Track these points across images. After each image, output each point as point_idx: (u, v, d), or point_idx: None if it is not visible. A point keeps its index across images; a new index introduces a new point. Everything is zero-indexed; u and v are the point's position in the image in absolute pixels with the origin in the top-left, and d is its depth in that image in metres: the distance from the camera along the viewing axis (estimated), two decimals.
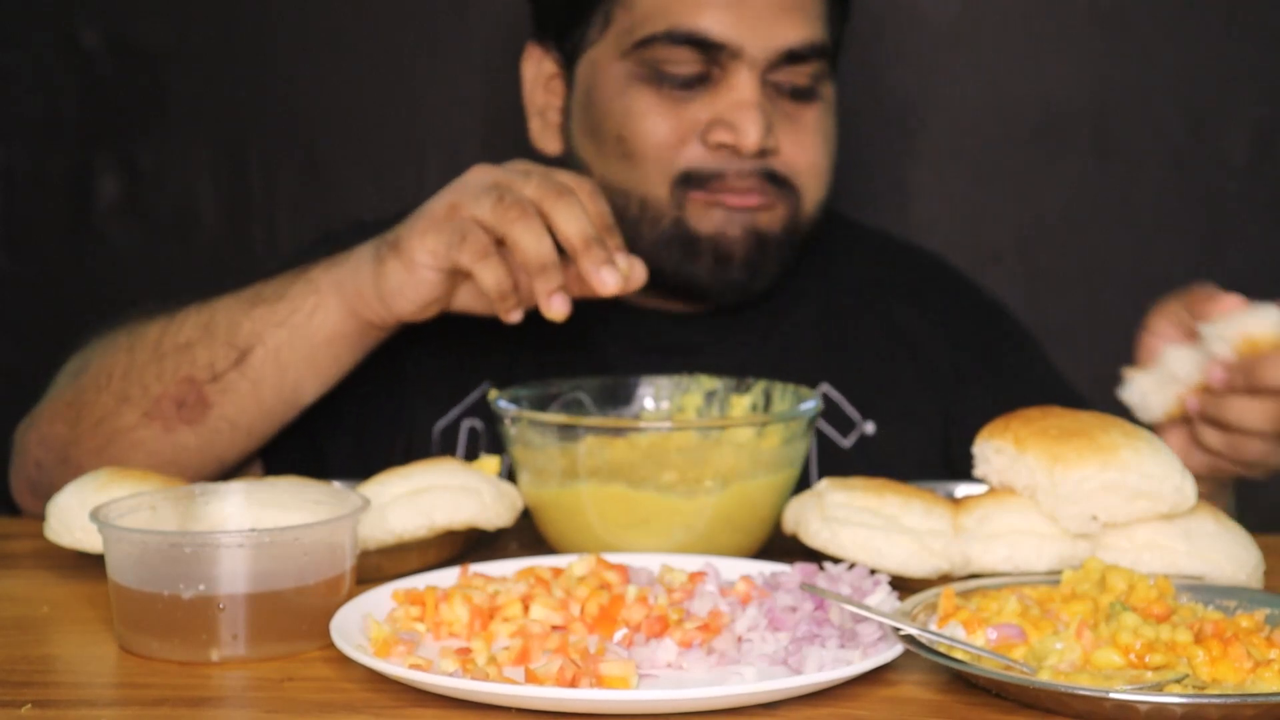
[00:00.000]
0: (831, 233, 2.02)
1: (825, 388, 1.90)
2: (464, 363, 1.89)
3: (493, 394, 1.61)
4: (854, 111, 2.09)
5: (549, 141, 1.96)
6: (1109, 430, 1.42)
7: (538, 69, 1.95)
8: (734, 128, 1.79)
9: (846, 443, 1.91)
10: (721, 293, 1.88)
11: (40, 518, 1.50)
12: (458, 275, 1.63)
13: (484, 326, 1.75)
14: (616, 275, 1.57)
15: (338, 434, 1.90)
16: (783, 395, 1.65)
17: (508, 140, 2.09)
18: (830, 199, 1.92)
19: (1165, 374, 1.60)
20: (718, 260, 1.84)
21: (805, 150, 1.85)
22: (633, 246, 1.73)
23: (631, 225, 1.83)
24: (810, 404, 1.57)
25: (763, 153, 1.81)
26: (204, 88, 2.53)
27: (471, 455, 1.89)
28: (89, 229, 2.55)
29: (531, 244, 1.56)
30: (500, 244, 1.59)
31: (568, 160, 1.92)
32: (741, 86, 1.80)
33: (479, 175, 1.62)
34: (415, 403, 1.91)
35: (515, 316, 1.62)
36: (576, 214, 1.57)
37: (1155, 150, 2.49)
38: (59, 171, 2.55)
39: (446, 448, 1.90)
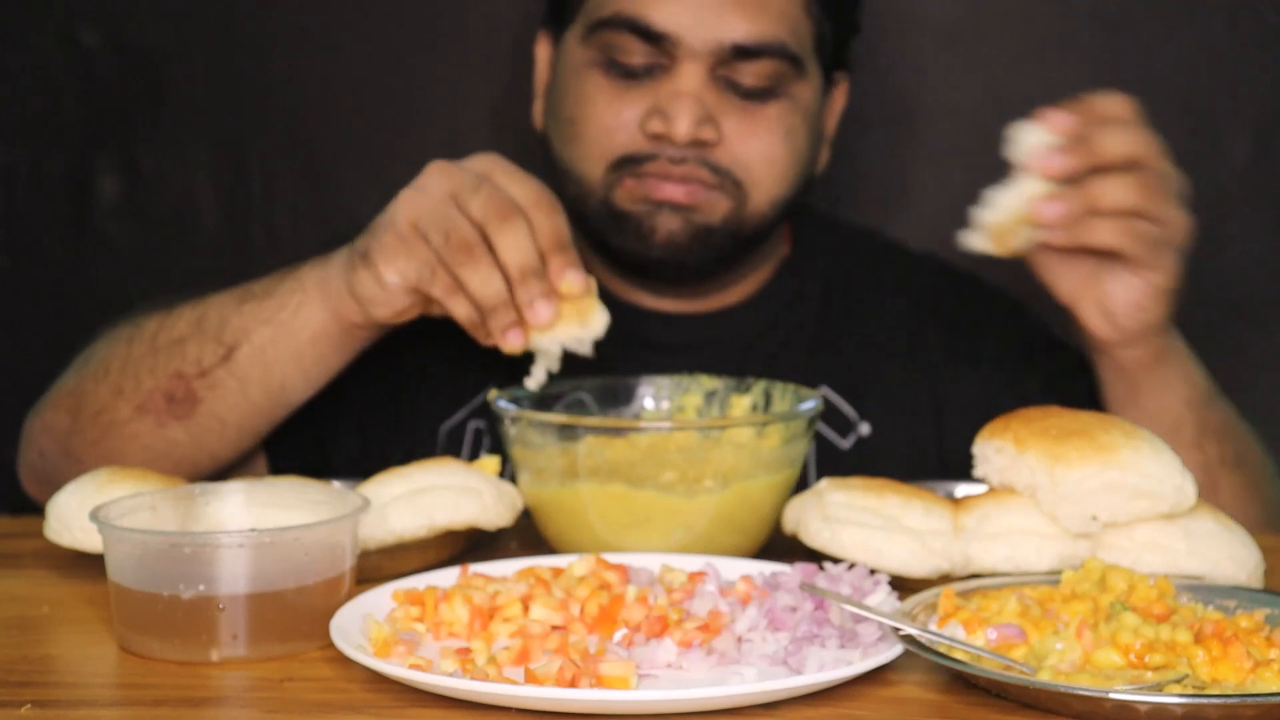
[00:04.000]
0: (825, 234, 2.02)
1: (824, 390, 1.90)
2: (469, 364, 1.89)
3: (493, 394, 1.61)
4: (854, 111, 2.09)
5: (538, 119, 2.00)
6: (1109, 430, 1.42)
7: (542, 53, 1.99)
8: (666, 116, 1.80)
9: (845, 444, 1.91)
10: (650, 266, 1.88)
11: (44, 509, 1.51)
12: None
13: None
14: (549, 310, 1.57)
15: (342, 434, 1.90)
16: (783, 395, 1.65)
17: (508, 140, 2.09)
18: (798, 197, 1.91)
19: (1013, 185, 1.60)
20: (639, 236, 1.85)
21: (756, 144, 1.83)
22: (574, 223, 1.71)
23: (569, 202, 1.85)
24: (810, 404, 1.57)
25: (700, 144, 1.81)
26: (204, 88, 2.53)
27: (476, 456, 1.89)
28: (89, 229, 2.55)
29: (478, 287, 1.57)
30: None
31: (543, 138, 1.96)
32: (683, 77, 1.81)
33: (436, 181, 1.61)
34: (419, 404, 1.91)
35: (489, 343, 1.62)
36: (519, 240, 1.56)
37: None
38: (59, 171, 2.55)
39: (452, 449, 1.91)
